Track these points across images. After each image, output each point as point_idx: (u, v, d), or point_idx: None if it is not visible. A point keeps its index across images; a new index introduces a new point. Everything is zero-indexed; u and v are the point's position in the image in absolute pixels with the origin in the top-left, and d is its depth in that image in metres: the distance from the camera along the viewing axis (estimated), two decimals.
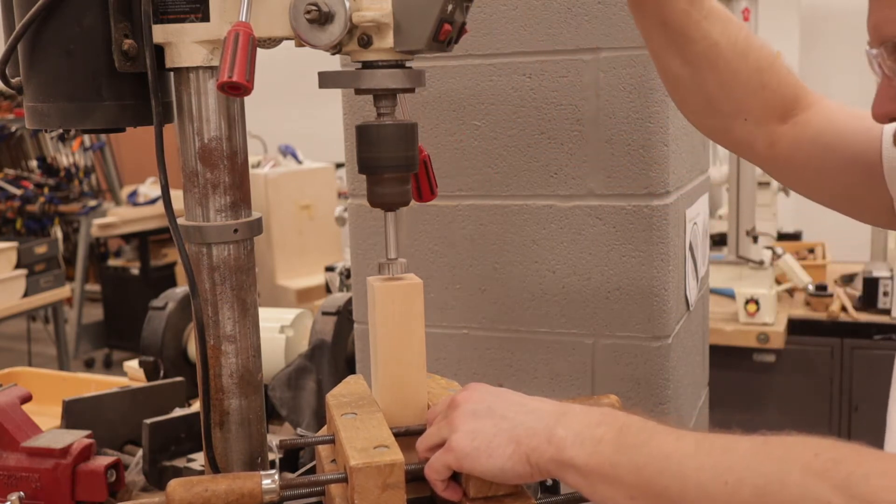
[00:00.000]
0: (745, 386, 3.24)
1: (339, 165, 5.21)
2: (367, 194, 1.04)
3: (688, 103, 1.22)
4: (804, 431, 0.75)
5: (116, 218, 6.20)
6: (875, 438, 0.96)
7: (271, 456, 1.25)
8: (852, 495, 0.68)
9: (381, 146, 1.01)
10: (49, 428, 1.34)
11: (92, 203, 6.46)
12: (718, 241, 3.70)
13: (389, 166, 1.02)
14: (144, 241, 6.38)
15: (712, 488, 0.75)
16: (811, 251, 3.82)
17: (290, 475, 1.30)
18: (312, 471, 1.25)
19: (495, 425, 0.89)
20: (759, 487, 0.73)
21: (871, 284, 3.23)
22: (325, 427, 1.17)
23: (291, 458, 1.37)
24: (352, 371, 1.85)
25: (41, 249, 4.82)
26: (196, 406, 1.37)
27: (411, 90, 1.03)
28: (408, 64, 1.02)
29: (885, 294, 3.19)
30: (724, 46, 1.12)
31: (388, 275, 1.06)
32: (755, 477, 0.73)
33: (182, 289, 2.02)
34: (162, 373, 1.94)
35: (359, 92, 1.03)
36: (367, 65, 1.01)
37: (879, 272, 3.24)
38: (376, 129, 1.01)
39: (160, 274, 6.42)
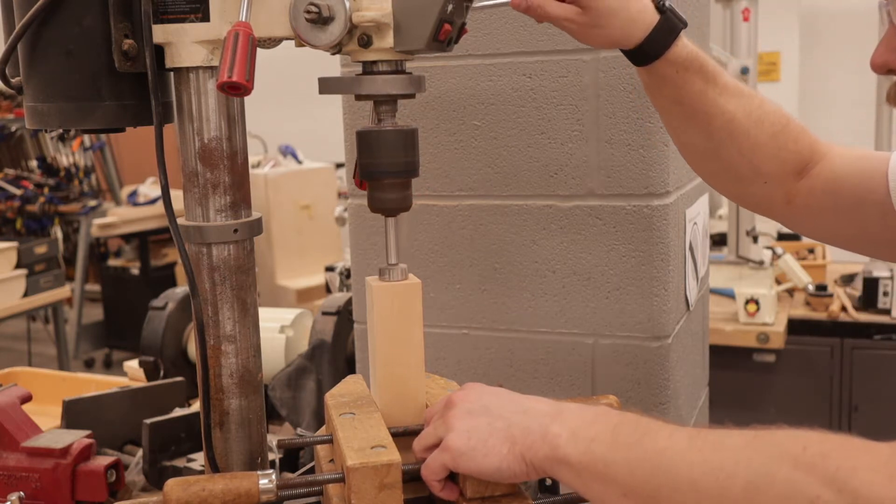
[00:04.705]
0: (745, 386, 3.24)
1: (339, 165, 5.22)
2: (367, 200, 1.04)
3: (707, 169, 1.24)
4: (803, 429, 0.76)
5: (116, 218, 6.20)
6: (875, 438, 0.96)
7: (271, 456, 1.25)
8: (840, 489, 0.69)
9: (381, 152, 1.01)
10: (49, 428, 1.34)
11: (92, 203, 6.46)
12: (718, 241, 3.70)
13: (389, 172, 1.02)
14: (144, 241, 6.39)
15: (704, 484, 0.76)
16: (811, 251, 3.81)
17: (289, 475, 1.30)
18: (312, 471, 1.25)
19: (490, 424, 0.89)
20: (749, 483, 0.73)
21: (871, 284, 3.23)
22: (324, 427, 1.17)
23: (292, 458, 1.37)
24: (352, 371, 1.85)
25: (41, 249, 4.82)
26: (196, 406, 1.37)
27: (412, 96, 1.03)
28: (408, 69, 1.02)
29: (885, 294, 3.19)
30: (740, 118, 1.14)
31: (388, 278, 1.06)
32: (745, 473, 0.74)
33: (182, 289, 2.02)
34: (162, 373, 1.94)
35: (359, 97, 1.03)
36: (368, 70, 1.01)
37: (879, 272, 3.24)
38: (376, 135, 1.01)
39: (160, 274, 6.42)
